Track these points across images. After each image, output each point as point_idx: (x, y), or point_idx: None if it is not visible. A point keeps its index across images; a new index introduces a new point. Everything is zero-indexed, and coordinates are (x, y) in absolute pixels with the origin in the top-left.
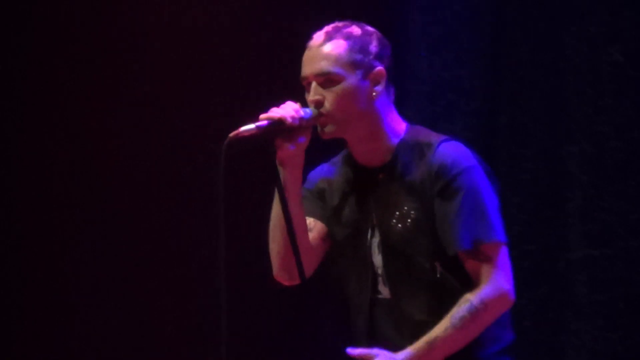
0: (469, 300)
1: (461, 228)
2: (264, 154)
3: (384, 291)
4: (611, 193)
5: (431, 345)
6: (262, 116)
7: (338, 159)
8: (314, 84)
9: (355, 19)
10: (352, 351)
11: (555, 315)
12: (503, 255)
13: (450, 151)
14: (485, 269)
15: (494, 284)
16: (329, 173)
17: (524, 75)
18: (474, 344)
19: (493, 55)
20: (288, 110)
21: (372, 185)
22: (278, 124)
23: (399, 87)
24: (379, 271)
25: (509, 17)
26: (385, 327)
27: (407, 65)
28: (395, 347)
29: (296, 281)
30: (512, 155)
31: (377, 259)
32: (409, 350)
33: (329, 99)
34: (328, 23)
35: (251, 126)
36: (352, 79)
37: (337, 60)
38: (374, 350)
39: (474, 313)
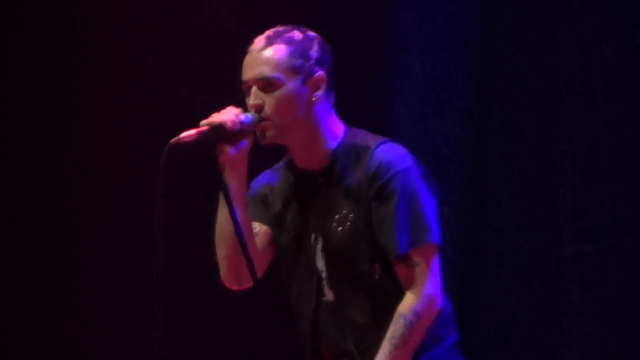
0: (403, 315)
1: (398, 232)
2: (207, 160)
3: (329, 295)
4: (603, 190)
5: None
6: (202, 122)
7: (280, 165)
8: (254, 88)
9: (346, 17)
10: None
11: (548, 313)
12: (434, 259)
13: (386, 153)
14: (414, 276)
15: (423, 294)
16: (271, 179)
17: (515, 72)
18: (418, 347)
19: (484, 53)
20: (228, 115)
21: (312, 190)
22: (218, 129)
23: (390, 86)
24: (323, 275)
25: (500, 14)
26: (330, 329)
27: (399, 63)
28: (339, 350)
29: (245, 285)
30: (504, 153)
31: (321, 263)
32: None
33: (269, 103)
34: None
35: (192, 132)
36: (292, 85)
37: (277, 65)
38: None
39: (410, 327)
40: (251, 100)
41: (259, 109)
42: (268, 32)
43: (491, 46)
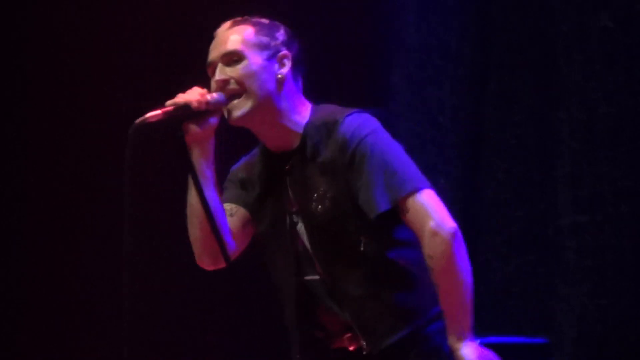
0: (428, 256)
1: (376, 191)
2: (173, 140)
3: (320, 272)
4: (600, 159)
5: (452, 316)
6: (167, 102)
7: (256, 150)
8: (219, 65)
9: None
10: None
11: (544, 281)
12: (428, 198)
13: (352, 122)
14: (418, 220)
15: (428, 228)
16: (248, 165)
17: (512, 41)
18: (417, 307)
19: (480, 21)
20: (193, 94)
21: (287, 172)
22: (183, 109)
23: (386, 54)
24: (312, 254)
25: None
26: (328, 305)
27: (395, 32)
28: (342, 322)
29: (219, 265)
30: (501, 121)
31: (307, 243)
32: (451, 341)
33: (234, 77)
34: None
35: (157, 112)
36: (256, 58)
37: (242, 40)
38: None
39: (442, 261)
40: (216, 77)
41: (225, 82)
42: (235, 18)
43: (487, 14)
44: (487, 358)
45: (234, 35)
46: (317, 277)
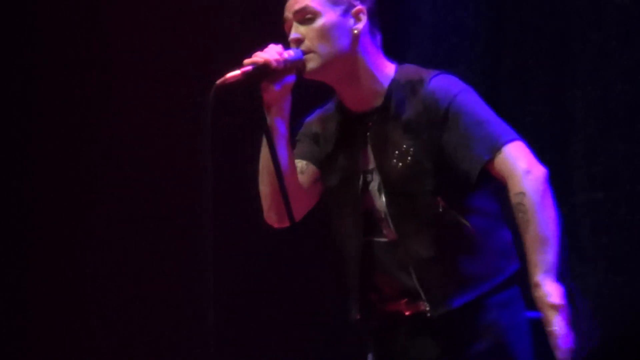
0: (513, 205)
1: (474, 149)
2: (251, 99)
3: (389, 233)
4: (615, 137)
5: (541, 259)
6: (246, 61)
7: (331, 105)
8: (294, 23)
9: None
10: None
11: None
12: (521, 147)
13: (440, 83)
14: (510, 164)
15: (518, 173)
16: (322, 119)
17: (528, 18)
18: (480, 275)
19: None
20: (271, 53)
21: (367, 128)
22: (263, 68)
23: (401, 32)
24: (383, 215)
25: None
26: (390, 267)
27: (410, 8)
28: (402, 287)
29: (286, 223)
30: (516, 99)
31: (380, 202)
32: (536, 280)
33: (309, 35)
34: None
35: (236, 72)
36: (331, 15)
37: None
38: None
39: (524, 207)
40: (291, 35)
41: (299, 42)
42: None
43: None
44: (566, 307)
45: None
46: (383, 239)
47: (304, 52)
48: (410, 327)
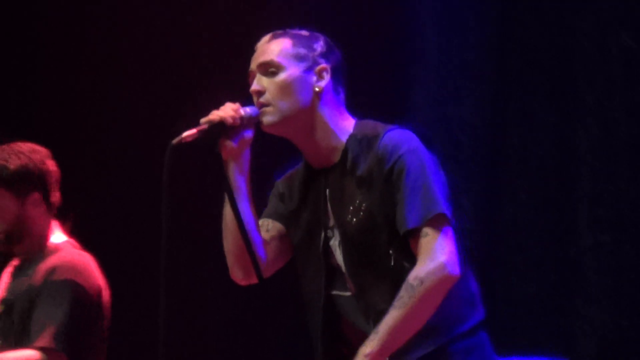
0: (406, 280)
1: (407, 208)
2: (211, 156)
3: (351, 288)
4: (621, 178)
5: (378, 334)
6: (202, 120)
7: (300, 164)
8: (257, 75)
9: (363, 5)
10: None
11: (565, 300)
12: (444, 228)
13: (394, 137)
14: (425, 245)
15: (430, 259)
16: (290, 178)
17: (533, 60)
18: (441, 325)
19: (502, 40)
20: (227, 110)
21: (325, 185)
22: (218, 126)
23: (407, 72)
24: (343, 269)
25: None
26: (356, 320)
27: (415, 49)
28: (366, 336)
29: (253, 280)
30: (522, 139)
31: (339, 258)
32: (362, 348)
33: (270, 88)
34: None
35: (192, 131)
36: (294, 70)
37: (280, 52)
38: None
39: (412, 292)
40: (253, 86)
41: (260, 94)
42: (275, 31)
43: (508, 32)
44: None
45: (272, 47)
46: (347, 293)
47: (263, 105)
48: None
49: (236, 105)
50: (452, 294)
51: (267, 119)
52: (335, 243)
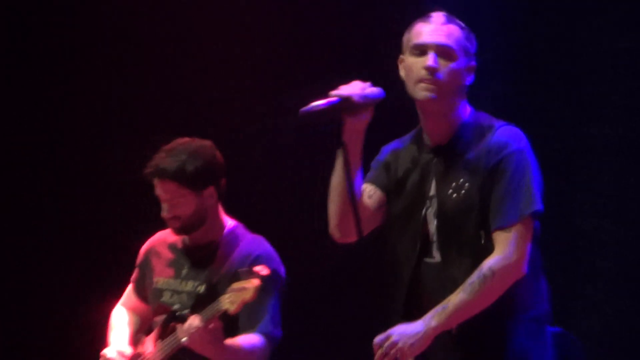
0: (480, 269)
1: (508, 205)
2: (331, 127)
3: (436, 255)
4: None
5: (446, 310)
6: (331, 93)
7: (408, 137)
8: (431, 53)
9: (377, 6)
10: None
11: (569, 284)
12: (527, 228)
13: (507, 133)
14: (505, 239)
15: (504, 254)
16: (398, 149)
17: (538, 61)
18: (507, 306)
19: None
20: (355, 88)
21: (436, 159)
22: (345, 101)
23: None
24: (434, 238)
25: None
26: (433, 286)
27: None
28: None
29: (348, 239)
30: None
31: (432, 226)
32: (426, 316)
33: (444, 70)
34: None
35: (322, 102)
36: (462, 61)
37: (457, 40)
38: (390, 330)
39: (482, 280)
40: (429, 62)
41: (434, 70)
42: (443, 12)
43: (515, 35)
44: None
45: (450, 32)
46: (432, 260)
47: (433, 82)
48: (437, 342)
49: (365, 85)
50: (522, 281)
51: (431, 96)
52: (431, 212)
